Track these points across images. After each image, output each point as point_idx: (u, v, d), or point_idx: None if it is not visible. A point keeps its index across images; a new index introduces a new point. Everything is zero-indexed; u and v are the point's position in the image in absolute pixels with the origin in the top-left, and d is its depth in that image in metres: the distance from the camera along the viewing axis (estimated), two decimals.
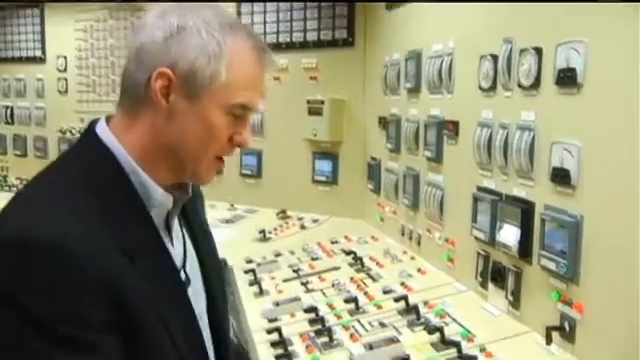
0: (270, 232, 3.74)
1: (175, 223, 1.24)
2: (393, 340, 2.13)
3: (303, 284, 2.85)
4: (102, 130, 1.16)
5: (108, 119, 1.19)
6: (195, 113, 1.12)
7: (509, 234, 2.17)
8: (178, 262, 1.21)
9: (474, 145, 2.42)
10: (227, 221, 4.06)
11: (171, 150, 1.15)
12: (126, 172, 1.13)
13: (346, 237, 3.50)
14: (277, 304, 2.62)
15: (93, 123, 1.19)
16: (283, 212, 4.08)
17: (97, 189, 1.08)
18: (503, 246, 2.21)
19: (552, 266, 1.96)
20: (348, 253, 3.14)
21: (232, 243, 3.46)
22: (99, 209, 1.06)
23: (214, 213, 4.00)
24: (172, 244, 1.21)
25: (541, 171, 2.05)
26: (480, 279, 2.44)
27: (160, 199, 1.17)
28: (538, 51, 2.05)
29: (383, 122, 3.49)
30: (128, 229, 1.09)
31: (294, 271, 3.04)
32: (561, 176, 1.92)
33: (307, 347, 2.20)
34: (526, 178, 2.14)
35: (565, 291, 1.95)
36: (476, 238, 2.43)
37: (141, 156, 1.14)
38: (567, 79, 1.89)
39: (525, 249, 2.12)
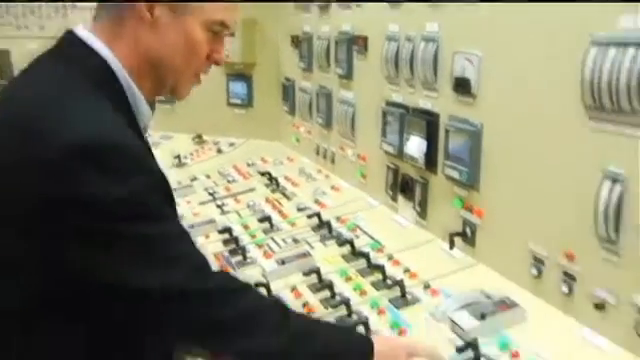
0: (186, 157, 3.66)
1: None
2: (305, 254, 2.16)
3: (219, 207, 2.84)
4: (89, 38, 1.18)
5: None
6: (178, 27, 1.19)
7: (416, 146, 2.21)
8: None
9: (382, 59, 2.41)
10: None
11: (154, 63, 1.21)
12: (121, 83, 1.18)
13: (262, 159, 3.49)
14: (192, 227, 2.59)
15: (71, 32, 1.19)
16: (199, 137, 3.99)
17: (105, 98, 1.12)
18: (410, 158, 2.25)
19: (455, 174, 2.02)
20: (263, 174, 3.13)
21: None
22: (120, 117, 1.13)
23: None
24: None
25: (444, 82, 2.07)
26: (390, 192, 2.50)
27: (146, 113, 1.23)
28: None
29: (295, 41, 3.42)
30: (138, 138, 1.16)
31: (210, 194, 3.01)
32: (462, 86, 1.95)
33: (221, 266, 2.21)
34: (431, 90, 2.17)
35: (467, 198, 2.02)
36: (386, 152, 2.47)
37: (133, 68, 1.19)
38: None
39: (430, 160, 2.17)
